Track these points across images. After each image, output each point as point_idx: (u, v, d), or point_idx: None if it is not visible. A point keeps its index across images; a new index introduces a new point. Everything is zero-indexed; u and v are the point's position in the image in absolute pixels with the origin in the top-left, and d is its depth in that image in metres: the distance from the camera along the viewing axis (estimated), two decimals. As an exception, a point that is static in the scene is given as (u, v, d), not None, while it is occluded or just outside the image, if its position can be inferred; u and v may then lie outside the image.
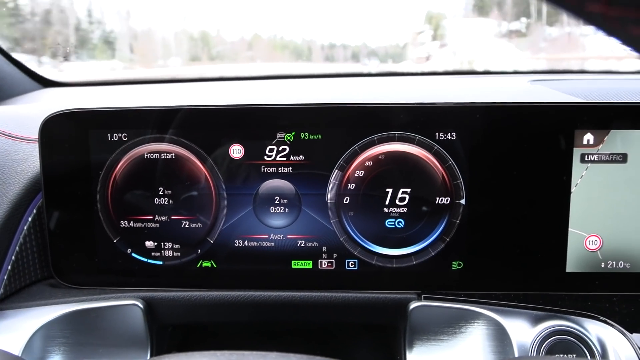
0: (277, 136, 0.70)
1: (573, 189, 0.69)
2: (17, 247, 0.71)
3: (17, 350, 0.65)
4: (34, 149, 0.76)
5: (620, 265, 0.71)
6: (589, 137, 0.68)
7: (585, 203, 0.69)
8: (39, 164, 0.71)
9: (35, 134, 0.72)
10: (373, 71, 1.47)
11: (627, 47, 0.24)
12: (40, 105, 0.96)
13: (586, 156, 0.68)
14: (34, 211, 0.73)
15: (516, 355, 0.65)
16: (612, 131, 0.68)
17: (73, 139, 0.71)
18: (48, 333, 0.69)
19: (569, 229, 0.70)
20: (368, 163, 0.70)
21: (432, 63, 1.94)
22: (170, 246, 0.73)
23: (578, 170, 0.68)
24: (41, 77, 1.18)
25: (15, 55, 1.09)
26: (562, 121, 0.68)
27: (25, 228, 0.72)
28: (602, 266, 0.71)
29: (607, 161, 0.68)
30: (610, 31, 0.23)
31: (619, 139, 0.68)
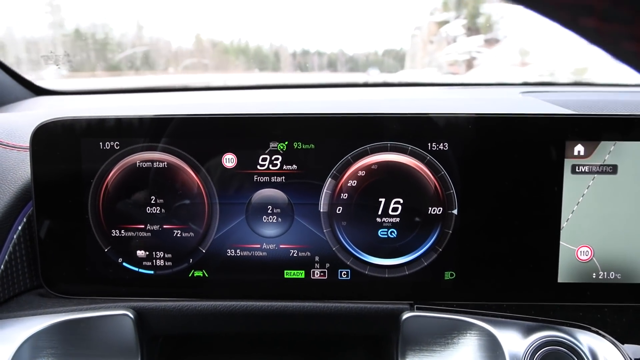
0: (270, 145, 0.70)
1: (564, 200, 0.69)
2: (6, 256, 0.71)
3: (4, 361, 0.64)
4: (25, 157, 0.75)
5: (612, 275, 0.71)
6: (579, 149, 0.69)
7: (576, 214, 0.70)
8: (29, 172, 0.71)
9: (26, 142, 0.71)
10: (370, 81, 1.46)
11: (621, 62, 0.24)
12: (31, 114, 0.95)
13: (577, 167, 0.69)
14: (24, 220, 0.73)
15: None
16: (602, 142, 0.68)
17: (64, 148, 0.70)
18: (37, 343, 0.68)
19: (560, 242, 0.70)
20: (361, 173, 0.70)
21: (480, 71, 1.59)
22: (162, 255, 0.73)
23: (569, 181, 0.69)
24: (33, 84, 1.18)
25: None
26: (553, 132, 0.69)
27: (15, 237, 0.71)
28: (594, 277, 0.71)
29: (598, 172, 0.69)
30: (604, 46, 0.24)
31: (610, 151, 0.68)
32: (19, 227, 0.72)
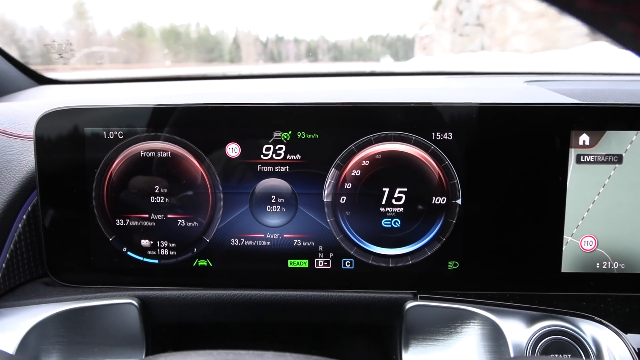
0: (274, 135, 0.70)
1: (569, 190, 0.69)
2: (11, 245, 0.71)
3: (11, 349, 0.64)
4: (29, 147, 0.75)
5: (615, 265, 0.71)
6: (584, 138, 0.68)
7: (581, 204, 0.69)
8: (34, 161, 0.71)
9: (30, 132, 0.71)
10: (377, 70, 1.42)
11: (616, 43, 0.24)
12: (35, 103, 0.95)
13: (582, 157, 0.69)
14: (29, 209, 0.73)
15: (511, 355, 0.65)
16: (607, 132, 0.68)
17: (68, 137, 0.70)
18: (42, 331, 0.69)
19: (564, 232, 0.70)
20: (365, 162, 0.70)
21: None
22: (166, 245, 0.73)
23: (574, 171, 0.69)
24: (37, 74, 1.18)
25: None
26: (559, 122, 0.68)
27: (20, 226, 0.72)
28: (597, 267, 0.71)
29: (602, 162, 0.69)
30: (600, 27, 0.23)
31: (615, 140, 0.68)
32: (24, 216, 0.72)
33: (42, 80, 1.19)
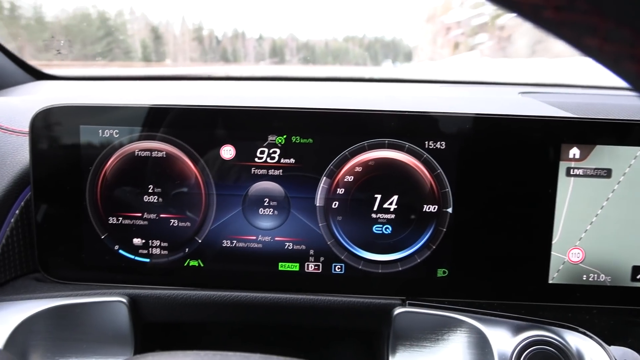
0: (269, 138, 0.70)
1: (557, 202, 0.70)
2: (3, 240, 0.71)
3: (-1, 344, 0.65)
4: (24, 142, 0.75)
5: (602, 278, 0.72)
6: (575, 152, 0.69)
7: (569, 216, 0.70)
8: (28, 157, 0.71)
9: (26, 127, 0.71)
10: (375, 76, 1.38)
11: (622, 80, 0.24)
12: (32, 98, 0.95)
13: (571, 170, 0.70)
14: (22, 204, 0.73)
15: None
16: (597, 146, 0.69)
17: (64, 134, 0.71)
18: (31, 327, 0.69)
19: (552, 243, 0.71)
20: (358, 169, 0.71)
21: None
22: (158, 244, 0.73)
23: (563, 184, 0.70)
24: (34, 69, 1.17)
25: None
26: (550, 135, 0.69)
27: (12, 221, 0.72)
28: (584, 279, 0.72)
29: (591, 175, 0.70)
30: (606, 64, 0.24)
31: (605, 154, 0.69)
32: (17, 212, 0.72)
33: (39, 75, 1.19)
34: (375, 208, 0.72)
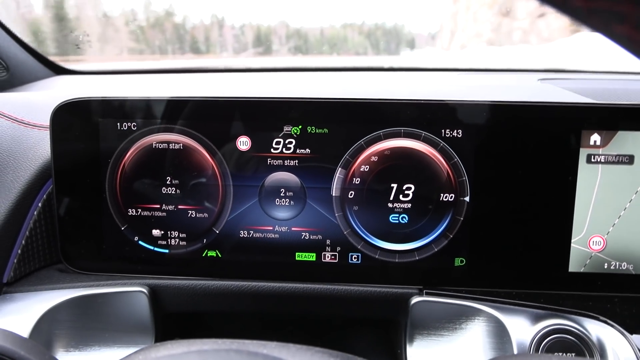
0: (284, 129, 0.71)
1: (578, 190, 0.69)
2: (27, 232, 0.73)
3: (25, 333, 0.66)
4: (45, 136, 0.77)
5: (623, 266, 0.71)
6: (596, 138, 0.68)
7: (590, 204, 0.69)
8: (49, 151, 0.72)
9: (46, 121, 0.73)
10: (386, 65, 1.37)
11: (614, 43, 0.24)
12: (52, 93, 0.97)
13: (592, 157, 0.68)
14: (44, 197, 0.75)
15: (515, 352, 0.65)
16: (619, 132, 0.68)
17: (83, 128, 0.72)
18: (55, 317, 0.70)
19: (572, 231, 0.70)
20: (374, 158, 0.71)
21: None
22: (177, 235, 0.74)
23: (584, 171, 0.68)
24: (54, 64, 1.19)
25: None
26: (570, 121, 0.68)
27: (35, 213, 0.73)
28: (605, 267, 0.71)
29: (613, 162, 0.68)
30: (594, 26, 0.23)
31: (627, 141, 0.68)
32: (39, 204, 0.74)
33: (59, 70, 1.21)
34: (391, 197, 0.71)
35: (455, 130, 0.69)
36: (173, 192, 0.73)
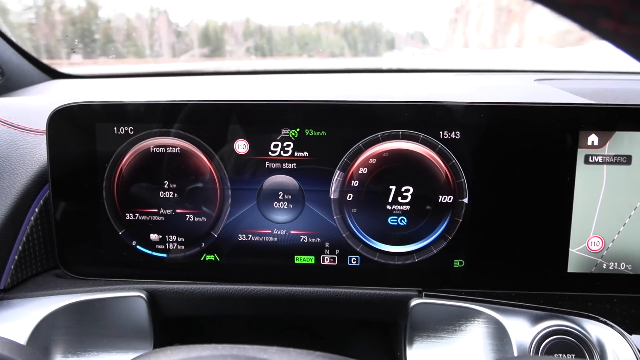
0: (282, 132, 0.70)
1: (576, 190, 0.69)
2: (23, 237, 0.72)
3: (22, 339, 0.66)
4: (42, 141, 0.76)
5: (622, 267, 0.71)
6: (593, 139, 0.68)
7: (588, 204, 0.69)
8: (46, 155, 0.72)
9: (42, 126, 0.72)
10: (384, 67, 1.36)
11: (601, 38, 0.24)
12: (48, 98, 0.96)
13: (590, 157, 0.68)
14: (41, 202, 0.74)
15: (515, 354, 0.65)
16: (617, 132, 0.68)
17: (80, 132, 0.71)
18: (53, 322, 0.70)
19: (571, 232, 0.70)
20: (372, 160, 0.70)
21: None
22: (175, 239, 0.74)
23: (581, 171, 0.69)
24: (49, 68, 1.19)
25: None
26: (567, 122, 0.68)
27: (32, 219, 0.73)
28: (604, 267, 0.71)
29: (611, 162, 0.68)
30: (580, 21, 0.23)
31: (624, 141, 0.68)
32: (36, 209, 0.74)
33: (54, 74, 1.20)
34: (390, 200, 0.71)
35: (453, 132, 0.69)
36: (171, 196, 0.73)
